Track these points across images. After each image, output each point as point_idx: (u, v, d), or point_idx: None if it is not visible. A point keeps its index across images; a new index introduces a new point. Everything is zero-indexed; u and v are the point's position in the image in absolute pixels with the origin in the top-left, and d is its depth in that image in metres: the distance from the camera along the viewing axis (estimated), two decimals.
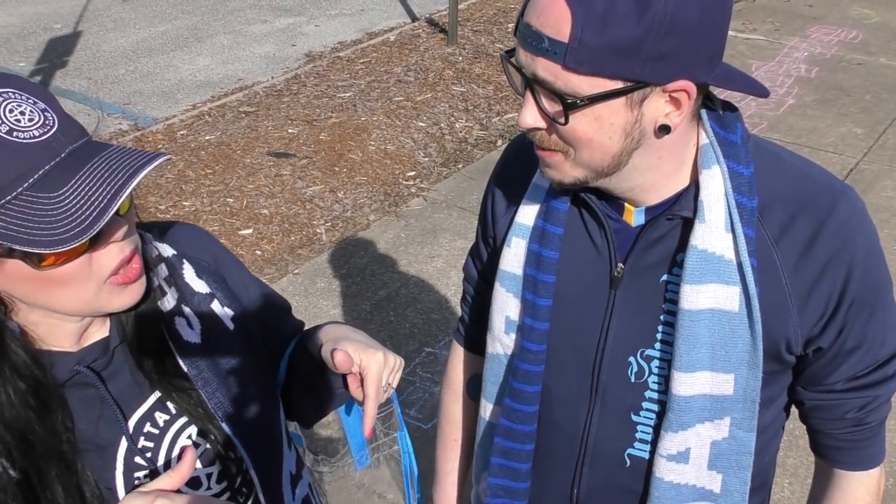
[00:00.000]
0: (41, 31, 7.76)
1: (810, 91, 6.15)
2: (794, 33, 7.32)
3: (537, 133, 1.11)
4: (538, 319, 1.27)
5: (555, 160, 1.12)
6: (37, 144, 0.93)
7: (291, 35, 7.74)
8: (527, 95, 1.08)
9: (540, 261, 1.26)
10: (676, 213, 1.17)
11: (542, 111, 1.07)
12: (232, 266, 1.32)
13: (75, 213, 0.92)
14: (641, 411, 1.25)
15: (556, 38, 0.99)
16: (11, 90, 0.95)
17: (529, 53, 1.03)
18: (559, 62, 1.00)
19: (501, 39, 7.22)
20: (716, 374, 1.17)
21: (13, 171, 0.92)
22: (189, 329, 1.17)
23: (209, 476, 1.20)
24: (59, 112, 0.98)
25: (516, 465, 1.37)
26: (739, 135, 1.17)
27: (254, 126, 5.77)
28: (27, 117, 0.94)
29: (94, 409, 1.10)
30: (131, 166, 0.97)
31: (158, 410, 1.16)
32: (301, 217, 4.75)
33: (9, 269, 0.97)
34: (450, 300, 4.06)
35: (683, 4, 0.96)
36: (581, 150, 1.09)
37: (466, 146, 5.55)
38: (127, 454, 1.13)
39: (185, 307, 1.18)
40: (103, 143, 1.02)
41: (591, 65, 0.99)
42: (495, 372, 1.39)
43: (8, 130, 0.92)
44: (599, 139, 1.07)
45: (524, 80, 1.07)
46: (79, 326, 1.09)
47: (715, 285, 1.14)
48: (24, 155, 0.92)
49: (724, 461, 1.23)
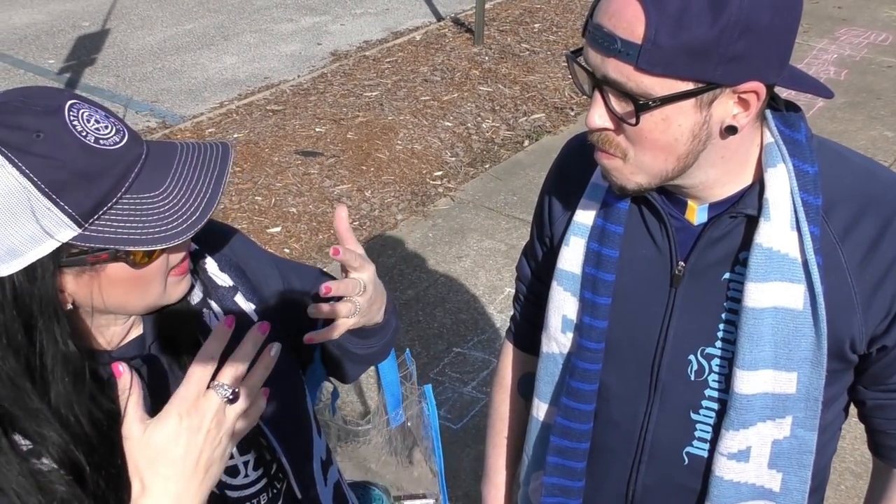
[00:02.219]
0: (70, 29, 7.81)
1: (840, 93, 6.10)
2: (822, 35, 7.27)
3: (602, 134, 1.11)
4: (597, 318, 1.27)
5: (615, 164, 1.12)
6: (121, 150, 0.95)
7: (317, 34, 7.76)
8: (595, 96, 1.08)
9: (600, 259, 1.26)
10: (740, 211, 1.16)
11: (611, 112, 1.07)
12: (252, 257, 1.32)
13: (183, 206, 0.95)
14: (701, 409, 1.24)
15: (629, 39, 0.98)
16: (79, 101, 0.96)
17: (600, 54, 1.02)
18: (631, 63, 0.99)
19: (528, 39, 7.21)
20: (778, 373, 1.17)
21: (111, 177, 0.94)
22: (216, 322, 1.19)
23: (246, 464, 1.21)
24: (119, 118, 1.01)
25: (572, 464, 1.37)
26: (804, 133, 1.17)
27: (281, 125, 5.78)
28: (102, 125, 0.96)
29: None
30: (213, 157, 1.00)
31: None
32: (329, 216, 4.75)
33: (108, 273, 0.98)
34: (478, 300, 4.05)
35: (758, 5, 0.96)
36: (644, 153, 1.09)
37: (493, 146, 5.54)
38: None
39: (211, 300, 1.20)
40: (167, 142, 1.04)
41: (664, 66, 0.98)
42: (550, 371, 1.38)
43: (95, 139, 0.93)
44: (666, 140, 1.06)
45: (593, 80, 1.06)
46: (123, 328, 1.10)
47: (779, 283, 1.13)
48: (115, 161, 0.94)
49: (784, 460, 1.22)
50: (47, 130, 0.91)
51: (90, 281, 0.98)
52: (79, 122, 0.93)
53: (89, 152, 0.92)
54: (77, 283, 0.98)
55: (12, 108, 0.91)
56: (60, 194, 0.90)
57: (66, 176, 0.90)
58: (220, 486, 1.18)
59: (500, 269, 4.28)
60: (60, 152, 0.90)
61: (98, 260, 0.96)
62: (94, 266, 0.97)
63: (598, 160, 1.16)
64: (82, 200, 0.92)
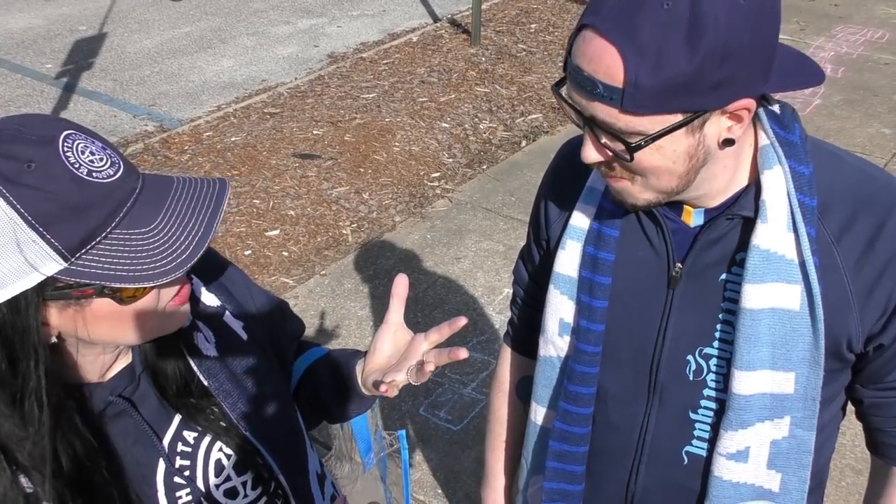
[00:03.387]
0: (67, 33, 7.81)
1: (837, 91, 6.11)
2: (819, 33, 7.27)
3: (601, 165, 1.12)
4: (594, 321, 1.27)
5: (623, 185, 1.13)
6: (114, 183, 0.94)
7: (314, 36, 7.76)
8: (587, 133, 1.08)
9: (596, 263, 1.26)
10: (736, 213, 1.17)
11: (604, 147, 1.07)
12: (235, 276, 1.32)
13: (174, 244, 0.94)
14: (700, 409, 1.24)
15: (610, 83, 0.97)
16: (75, 132, 0.94)
17: (584, 98, 1.02)
18: (616, 107, 0.99)
19: (524, 40, 7.22)
20: (776, 373, 1.17)
21: (101, 212, 0.92)
22: (206, 343, 1.18)
23: (244, 484, 1.21)
24: (115, 149, 0.99)
25: (571, 468, 1.37)
26: (798, 134, 1.17)
27: (279, 127, 5.78)
28: (97, 157, 0.94)
29: (130, 435, 1.10)
30: (208, 193, 0.99)
31: (186, 429, 1.16)
32: (327, 218, 4.75)
33: (92, 308, 0.97)
34: (477, 301, 4.05)
35: (734, 30, 0.94)
36: (648, 177, 1.09)
37: (491, 147, 5.54)
38: (166, 476, 1.13)
39: (199, 322, 1.19)
40: (163, 176, 1.02)
41: (649, 106, 0.98)
42: (547, 375, 1.38)
43: (88, 172, 0.91)
44: (665, 166, 1.06)
45: (581, 119, 1.06)
46: (111, 357, 1.09)
47: (777, 284, 1.14)
48: (107, 194, 0.92)
49: (783, 460, 1.22)
50: (39, 161, 0.88)
51: (75, 315, 0.97)
52: (72, 154, 0.91)
53: (81, 185, 0.90)
54: (61, 317, 0.96)
55: (7, 137, 0.90)
56: (48, 227, 0.88)
57: (56, 209, 0.88)
58: None
59: (499, 269, 4.28)
60: (51, 184, 0.88)
61: (83, 295, 0.94)
62: (80, 301, 0.95)
63: (607, 183, 1.17)
64: (70, 234, 0.90)
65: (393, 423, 3.40)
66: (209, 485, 1.16)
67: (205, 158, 5.39)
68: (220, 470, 1.17)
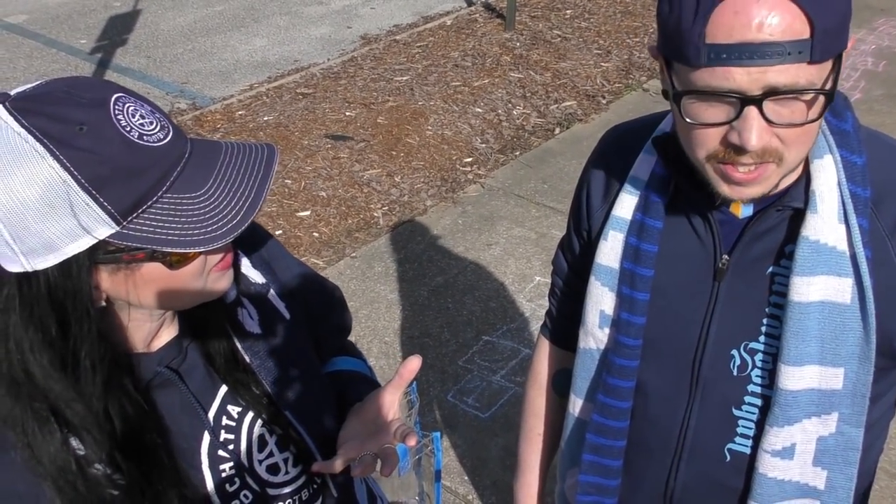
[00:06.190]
0: (101, 9, 7.84)
1: (877, 85, 6.00)
2: (860, 26, 7.14)
3: (758, 150, 1.01)
4: (635, 314, 1.25)
5: (768, 171, 1.04)
6: (165, 147, 0.93)
7: (347, 17, 7.74)
8: (748, 115, 0.98)
9: (638, 254, 1.23)
10: (787, 205, 1.14)
11: (771, 123, 0.98)
12: (280, 256, 1.31)
13: (224, 209, 0.93)
14: (743, 405, 1.22)
15: (797, 38, 0.93)
16: (125, 95, 0.93)
17: (760, 67, 0.94)
18: (804, 60, 0.94)
19: (559, 26, 7.15)
20: (825, 368, 1.14)
21: (153, 175, 0.91)
22: (250, 319, 1.18)
23: (286, 461, 1.21)
24: (164, 113, 0.98)
25: (608, 462, 1.35)
26: (850, 123, 1.14)
27: (311, 108, 5.77)
28: (147, 120, 0.93)
29: (176, 406, 1.10)
30: (258, 159, 0.97)
31: (230, 403, 1.16)
32: (358, 200, 4.74)
33: (142, 273, 0.96)
34: (507, 288, 4.03)
35: None
36: (798, 148, 1.02)
37: (524, 133, 5.50)
38: (210, 448, 1.13)
39: (244, 298, 1.19)
40: (211, 140, 1.01)
41: (831, 50, 0.95)
42: (587, 367, 1.36)
43: (139, 135, 0.90)
44: (819, 124, 1.02)
45: (742, 103, 0.97)
46: (157, 325, 1.08)
47: (826, 277, 1.11)
48: (158, 158, 0.92)
49: (830, 457, 1.19)
50: (91, 124, 0.88)
51: (125, 279, 0.96)
52: (123, 117, 0.90)
53: (132, 148, 0.89)
54: (111, 281, 0.96)
55: (56, 99, 0.88)
56: (101, 190, 0.87)
57: (108, 172, 0.87)
58: (261, 485, 1.18)
59: (530, 257, 4.25)
60: (103, 147, 0.87)
61: (134, 259, 0.94)
62: (130, 265, 0.95)
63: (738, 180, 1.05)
64: (122, 198, 0.89)
65: (422, 411, 3.39)
66: (252, 459, 1.17)
67: (237, 137, 5.39)
68: (263, 445, 1.18)
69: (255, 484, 1.17)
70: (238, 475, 1.15)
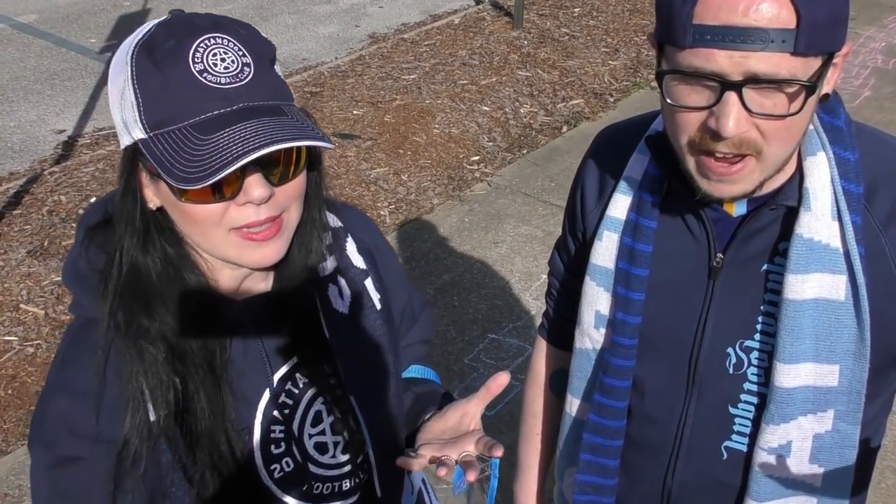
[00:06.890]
0: (111, 9, 7.87)
1: (888, 83, 5.98)
2: (870, 23, 7.11)
3: (735, 139, 1.01)
4: (630, 314, 1.25)
5: (748, 168, 1.04)
6: (217, 90, 0.97)
7: (355, 16, 7.75)
8: (728, 100, 0.98)
9: (633, 255, 1.24)
10: (781, 203, 1.14)
11: (750, 111, 0.99)
12: (386, 253, 1.35)
13: (211, 158, 0.94)
14: (740, 403, 1.22)
15: (782, 27, 0.93)
16: (225, 37, 0.99)
17: (742, 52, 0.94)
18: (787, 50, 0.94)
19: (567, 24, 7.14)
20: (820, 366, 1.14)
21: (185, 107, 0.97)
22: (339, 298, 1.20)
23: (336, 444, 1.23)
24: (265, 71, 1.01)
25: (605, 462, 1.35)
26: (843, 119, 1.14)
27: (319, 106, 5.78)
28: (224, 64, 0.97)
29: (248, 357, 1.14)
30: (289, 135, 0.97)
31: (298, 372, 1.20)
32: (365, 199, 4.75)
33: (163, 193, 1.02)
34: (513, 287, 4.03)
35: None
36: (779, 144, 1.03)
37: (531, 132, 5.50)
38: (267, 407, 1.16)
39: (341, 277, 1.21)
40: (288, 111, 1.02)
41: (819, 45, 0.95)
42: (583, 367, 1.36)
43: (200, 70, 0.96)
44: (803, 122, 1.02)
45: (723, 87, 0.97)
46: (235, 273, 1.12)
47: (820, 274, 1.11)
48: (201, 95, 0.96)
49: (826, 455, 1.20)
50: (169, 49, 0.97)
51: (156, 192, 1.03)
52: (200, 53, 0.96)
53: (186, 77, 0.96)
54: (151, 190, 1.04)
55: (171, 23, 1.00)
56: (143, 96, 0.97)
57: (156, 86, 0.96)
58: (305, 458, 1.20)
59: (537, 255, 4.25)
60: (162, 67, 0.96)
61: (153, 171, 0.99)
62: (153, 177, 1.01)
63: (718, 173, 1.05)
64: (154, 112, 0.97)
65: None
66: (304, 431, 1.20)
67: None
68: (317, 421, 1.21)
69: (300, 455, 1.19)
70: (286, 441, 1.18)
